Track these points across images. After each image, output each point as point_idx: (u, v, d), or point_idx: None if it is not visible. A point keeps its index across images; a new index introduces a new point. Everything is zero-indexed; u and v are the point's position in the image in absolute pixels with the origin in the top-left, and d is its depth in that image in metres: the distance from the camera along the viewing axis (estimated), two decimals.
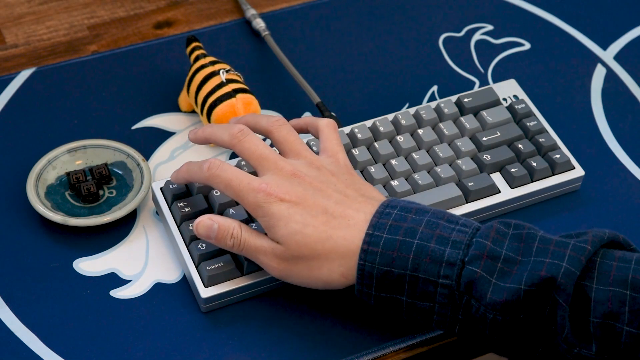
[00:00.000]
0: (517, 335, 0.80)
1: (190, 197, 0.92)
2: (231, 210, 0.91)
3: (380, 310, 0.85)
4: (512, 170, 0.96)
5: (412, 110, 1.00)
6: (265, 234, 0.85)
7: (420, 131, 0.98)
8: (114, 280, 0.91)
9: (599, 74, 1.10)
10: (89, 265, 0.92)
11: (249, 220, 0.90)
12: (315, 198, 0.84)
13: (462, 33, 1.14)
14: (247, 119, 0.91)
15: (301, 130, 0.92)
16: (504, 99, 1.03)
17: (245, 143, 0.87)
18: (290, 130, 0.89)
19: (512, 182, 0.96)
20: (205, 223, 0.86)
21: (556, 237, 0.81)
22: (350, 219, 0.83)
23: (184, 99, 1.03)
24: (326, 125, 0.91)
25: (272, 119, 0.90)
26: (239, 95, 0.98)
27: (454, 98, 1.02)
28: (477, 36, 1.13)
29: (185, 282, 0.91)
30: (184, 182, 0.90)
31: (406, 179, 0.95)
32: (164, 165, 1.00)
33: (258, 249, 0.85)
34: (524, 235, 0.81)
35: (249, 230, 0.86)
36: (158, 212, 0.94)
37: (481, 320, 0.80)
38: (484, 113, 1.00)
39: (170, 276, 0.91)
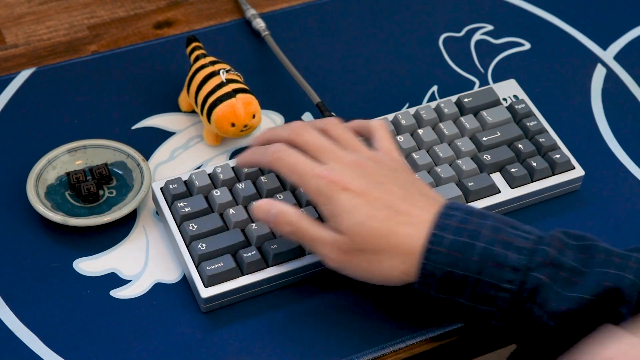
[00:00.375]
0: (576, 344, 0.80)
1: (190, 197, 0.92)
2: (231, 211, 0.91)
3: (435, 311, 0.84)
4: (512, 170, 0.96)
5: (412, 110, 1.00)
6: (325, 223, 0.85)
7: (420, 131, 0.98)
8: (114, 280, 0.91)
9: (599, 74, 1.10)
10: (89, 265, 0.92)
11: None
12: (379, 191, 0.83)
13: (462, 33, 1.14)
14: (301, 122, 0.90)
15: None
16: (504, 99, 1.03)
17: (305, 136, 0.87)
18: (345, 129, 0.89)
19: (512, 182, 0.96)
20: (264, 207, 0.86)
21: (617, 250, 0.81)
22: (413, 216, 0.83)
23: (184, 99, 1.03)
24: (380, 126, 0.91)
25: (326, 119, 0.90)
26: (239, 95, 0.98)
27: (454, 98, 1.02)
28: (477, 36, 1.13)
29: (185, 282, 0.91)
30: (249, 166, 0.90)
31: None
32: (164, 165, 1.00)
33: (317, 239, 0.84)
34: (586, 246, 0.81)
35: (308, 219, 0.85)
36: (158, 212, 0.94)
37: (541, 327, 0.80)
38: (484, 113, 1.00)
39: (170, 276, 0.91)
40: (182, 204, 0.91)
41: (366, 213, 0.82)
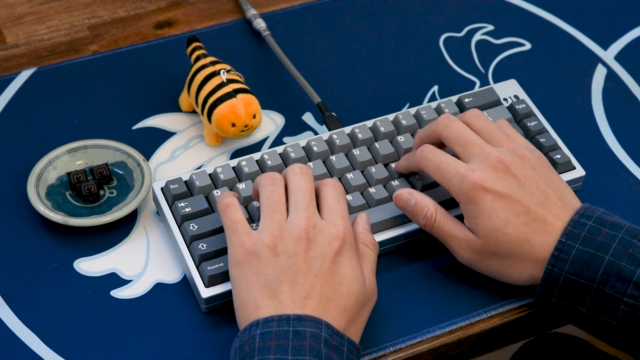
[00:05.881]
0: None
1: (191, 197, 0.92)
2: None
3: (556, 315, 0.87)
4: None
5: (413, 110, 1.00)
6: (460, 221, 0.87)
7: None
8: (115, 280, 0.91)
9: (600, 74, 1.10)
10: (89, 265, 0.92)
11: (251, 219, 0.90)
12: (519, 195, 0.85)
13: (463, 33, 1.14)
14: (447, 114, 0.91)
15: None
16: (505, 99, 1.03)
17: (452, 129, 0.89)
18: (487, 120, 0.91)
19: None
20: (404, 196, 0.89)
21: None
22: (549, 225, 0.85)
23: (185, 99, 1.03)
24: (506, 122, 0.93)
25: (467, 111, 0.92)
26: (240, 95, 0.98)
27: (454, 98, 1.02)
28: (477, 36, 1.13)
29: (185, 282, 0.91)
30: (405, 170, 0.94)
31: (407, 179, 0.95)
32: (165, 165, 1.00)
33: (452, 236, 0.87)
34: None
35: (444, 215, 0.88)
36: (159, 212, 0.94)
37: None
38: (484, 113, 1.00)
39: (171, 276, 0.91)
40: (182, 204, 0.91)
41: (504, 218, 0.84)
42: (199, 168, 0.99)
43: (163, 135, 1.02)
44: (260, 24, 1.11)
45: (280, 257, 0.81)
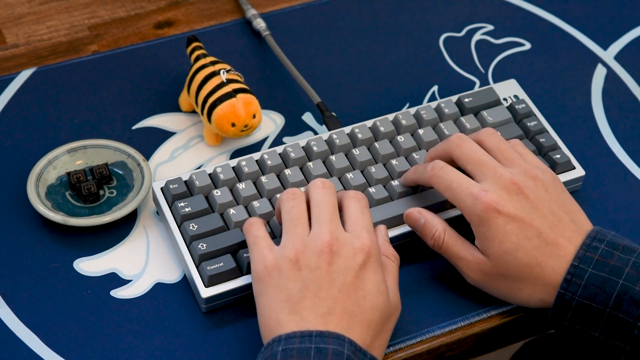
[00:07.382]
0: None
1: (191, 197, 0.92)
2: (231, 211, 0.91)
3: (566, 339, 0.86)
4: None
5: (413, 110, 1.00)
6: (469, 242, 0.86)
7: (420, 131, 0.98)
8: (115, 280, 0.91)
9: (600, 74, 1.10)
10: (89, 265, 0.92)
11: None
12: (532, 217, 0.84)
13: (463, 33, 1.14)
14: (459, 134, 0.90)
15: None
16: (505, 99, 1.03)
17: (464, 148, 0.88)
18: (501, 139, 0.90)
19: None
20: (414, 216, 0.88)
21: None
22: (561, 248, 0.84)
23: (185, 99, 1.04)
24: (519, 142, 0.92)
25: (481, 130, 0.91)
26: (240, 95, 0.98)
27: (454, 98, 1.02)
28: (477, 36, 1.13)
29: (185, 282, 0.91)
30: (412, 183, 0.92)
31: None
32: (165, 165, 1.00)
33: (460, 257, 0.86)
34: None
35: (453, 235, 0.87)
36: (158, 212, 0.94)
37: None
38: (484, 113, 1.00)
39: (171, 276, 0.91)
40: (182, 204, 0.91)
41: (516, 242, 0.83)
42: (199, 168, 0.99)
43: (163, 135, 1.02)
44: (260, 24, 1.11)
45: (303, 271, 0.80)
